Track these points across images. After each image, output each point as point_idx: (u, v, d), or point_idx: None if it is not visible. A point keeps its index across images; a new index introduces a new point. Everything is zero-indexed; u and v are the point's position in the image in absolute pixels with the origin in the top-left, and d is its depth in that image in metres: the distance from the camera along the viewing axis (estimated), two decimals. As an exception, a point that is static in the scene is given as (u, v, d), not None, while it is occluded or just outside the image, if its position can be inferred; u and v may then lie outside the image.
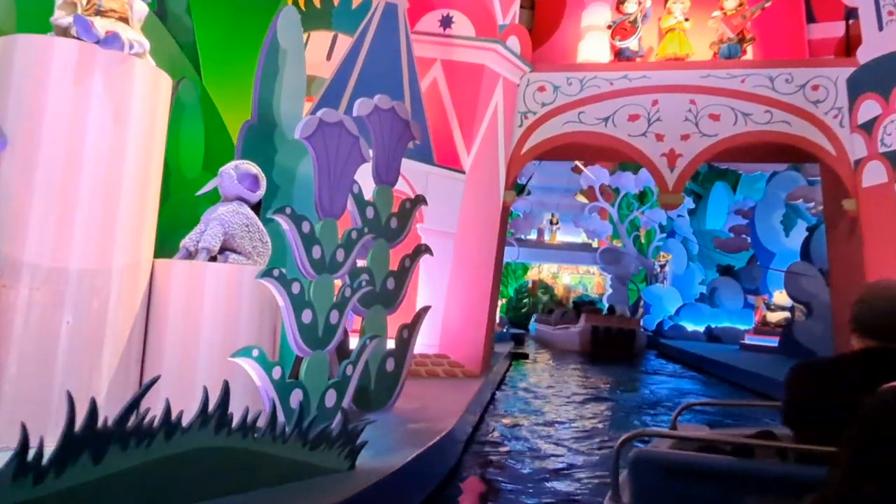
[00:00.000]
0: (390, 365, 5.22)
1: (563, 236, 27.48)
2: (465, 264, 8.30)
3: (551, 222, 27.28)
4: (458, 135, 8.46)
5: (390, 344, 5.34)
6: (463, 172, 8.43)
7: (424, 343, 8.11)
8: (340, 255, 4.16)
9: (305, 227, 3.85)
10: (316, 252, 3.95)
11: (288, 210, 3.71)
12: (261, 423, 2.93)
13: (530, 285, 32.49)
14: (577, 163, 25.28)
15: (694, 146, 7.97)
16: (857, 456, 1.17)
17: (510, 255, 24.79)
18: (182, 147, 5.74)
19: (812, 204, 17.67)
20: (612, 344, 16.68)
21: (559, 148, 8.47)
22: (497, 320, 17.86)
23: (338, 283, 4.36)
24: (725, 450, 2.06)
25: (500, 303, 20.75)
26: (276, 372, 3.64)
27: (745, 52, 8.50)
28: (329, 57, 8.97)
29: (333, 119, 4.04)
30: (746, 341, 17.91)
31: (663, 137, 8.05)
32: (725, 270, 22.68)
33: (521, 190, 26.53)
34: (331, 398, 4.10)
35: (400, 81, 8.23)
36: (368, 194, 5.08)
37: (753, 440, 2.05)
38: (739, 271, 22.14)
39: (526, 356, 15.42)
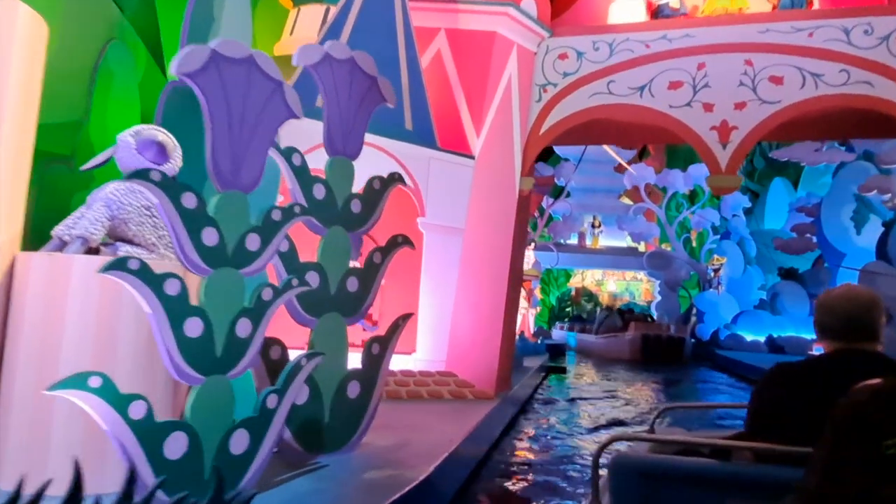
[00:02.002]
0: (353, 390, 4.03)
1: (606, 240, 25.80)
2: (477, 265, 7.06)
3: (593, 225, 25.65)
4: (465, 114, 7.26)
5: (355, 362, 4.14)
6: (472, 157, 7.21)
7: (428, 359, 6.91)
8: (253, 242, 3.01)
9: (188, 200, 2.71)
10: (209, 237, 2.81)
11: (155, 174, 2.58)
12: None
13: (573, 293, 30.88)
14: (613, 153, 23.76)
15: (751, 116, 6.53)
16: (834, 456, 1.15)
17: (549, 261, 23.31)
18: (110, 121, 4.74)
19: (888, 196, 15.65)
20: (662, 352, 16.92)
21: (585, 126, 7.15)
22: (533, 330, 16.53)
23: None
24: (703, 452, 2.04)
25: (535, 311, 19.35)
26: (138, 409, 2.50)
27: (811, 3, 7.02)
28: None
29: (237, 53, 2.90)
30: (815, 352, 15.94)
31: (713, 107, 6.64)
32: (788, 274, 20.59)
33: (559, 192, 25.06)
34: (240, 442, 2.93)
35: (395, 55, 7.10)
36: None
37: (731, 442, 1.98)
38: (804, 274, 20.04)
39: (563, 370, 14.00)
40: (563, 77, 7.09)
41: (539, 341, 15.03)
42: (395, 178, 4.38)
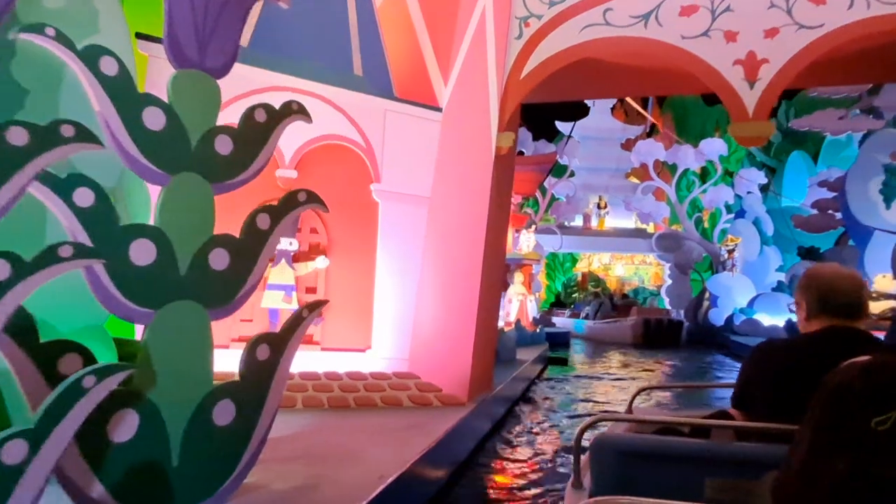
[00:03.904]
0: (224, 414, 2.74)
1: (612, 221, 24.37)
2: (445, 241, 5.76)
3: (599, 206, 24.22)
4: (430, 57, 5.94)
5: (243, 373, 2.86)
6: (438, 109, 5.91)
7: (387, 357, 5.65)
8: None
9: None
10: None
11: None
12: None
13: (579, 278, 29.54)
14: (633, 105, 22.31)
15: (785, 46, 5.16)
16: (822, 433, 1.15)
17: (552, 244, 21.95)
18: None
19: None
20: (663, 335, 17.52)
21: (576, 70, 5.79)
22: (532, 317, 15.20)
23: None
24: (683, 431, 2.07)
25: (536, 297, 18.06)
26: None
27: None
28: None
29: None
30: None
31: (736, 36, 5.26)
32: (808, 253, 19.18)
33: (562, 171, 23.65)
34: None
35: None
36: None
37: (708, 421, 2.01)
38: (826, 253, 18.60)
39: (564, 361, 12.74)
40: (549, 7, 5.71)
41: (538, 330, 13.71)
42: (291, 109, 3.07)
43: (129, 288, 2.44)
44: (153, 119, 2.55)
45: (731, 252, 20.59)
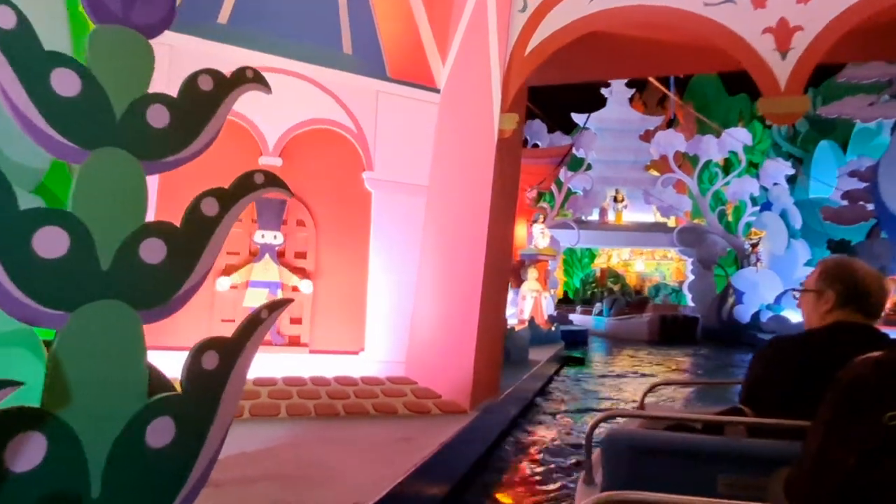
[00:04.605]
0: (160, 434, 2.31)
1: (631, 215, 23.67)
2: (444, 234, 5.31)
3: (616, 200, 23.55)
4: (426, 33, 5.48)
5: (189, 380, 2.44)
6: (435, 90, 5.45)
7: (382, 360, 5.23)
8: None
9: None
10: None
11: None
12: None
13: (598, 274, 28.91)
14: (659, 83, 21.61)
15: (821, 11, 4.61)
16: (834, 428, 1.15)
17: (569, 239, 21.38)
18: None
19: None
20: (679, 331, 17.70)
21: (587, 45, 5.29)
22: (548, 315, 14.69)
23: None
24: (696, 428, 2.04)
25: (552, 293, 17.53)
26: None
27: None
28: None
29: None
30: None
31: (765, 2, 4.73)
32: (839, 247, 18.38)
33: (579, 164, 23.05)
34: None
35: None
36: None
37: (719, 417, 1.94)
38: (857, 247, 17.81)
39: (581, 361, 12.22)
40: (556, -24, 5.22)
41: (554, 328, 13.19)
42: (244, 77, 2.63)
43: (32, 285, 2.03)
44: (64, 83, 2.13)
45: (754, 246, 19.83)
